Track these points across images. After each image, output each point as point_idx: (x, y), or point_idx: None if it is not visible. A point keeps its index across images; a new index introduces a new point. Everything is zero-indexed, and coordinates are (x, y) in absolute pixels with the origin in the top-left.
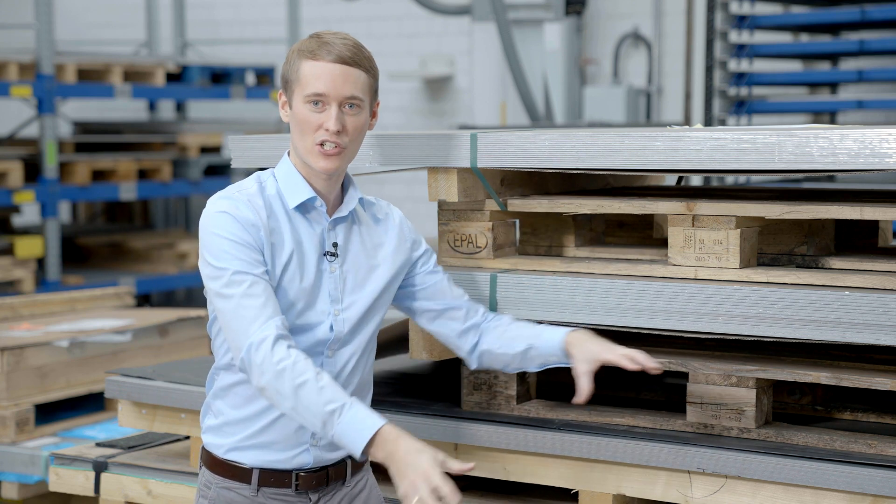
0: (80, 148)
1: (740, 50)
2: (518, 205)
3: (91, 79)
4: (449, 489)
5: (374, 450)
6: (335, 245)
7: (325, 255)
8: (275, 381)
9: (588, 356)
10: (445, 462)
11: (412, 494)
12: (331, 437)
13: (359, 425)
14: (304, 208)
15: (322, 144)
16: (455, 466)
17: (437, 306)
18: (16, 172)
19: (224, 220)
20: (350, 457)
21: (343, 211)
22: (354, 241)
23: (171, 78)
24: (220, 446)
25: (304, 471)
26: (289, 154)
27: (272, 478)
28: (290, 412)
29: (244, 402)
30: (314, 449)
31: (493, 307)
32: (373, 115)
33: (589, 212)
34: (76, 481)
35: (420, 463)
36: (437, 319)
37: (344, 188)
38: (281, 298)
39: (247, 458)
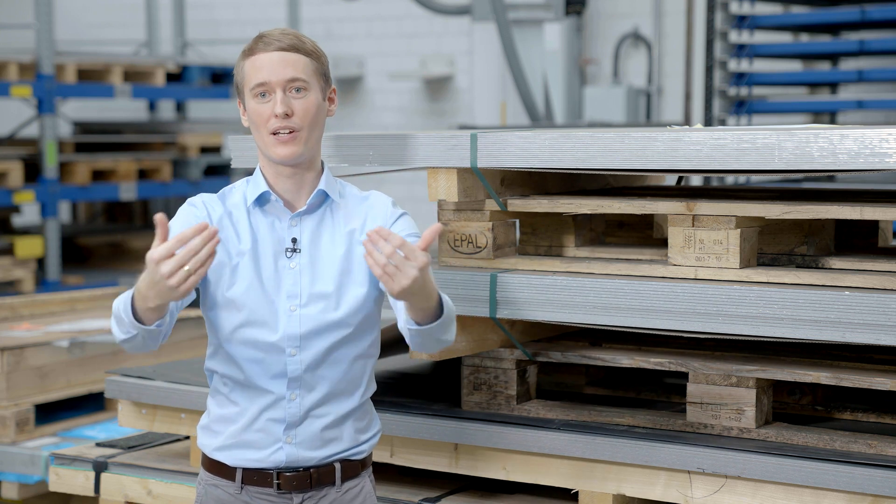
0: (80, 148)
1: (740, 50)
2: (518, 205)
3: (91, 79)
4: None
5: None
6: (294, 241)
7: (284, 250)
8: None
9: None
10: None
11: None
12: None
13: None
14: (264, 206)
15: (275, 134)
16: None
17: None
18: (16, 172)
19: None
20: (340, 461)
21: (303, 205)
22: (326, 234)
23: (171, 78)
24: (208, 446)
25: (285, 470)
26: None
27: (255, 476)
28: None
29: (226, 400)
30: (288, 447)
31: (493, 307)
32: (330, 101)
33: (589, 212)
34: (76, 481)
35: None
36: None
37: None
38: (230, 296)
39: (231, 458)
